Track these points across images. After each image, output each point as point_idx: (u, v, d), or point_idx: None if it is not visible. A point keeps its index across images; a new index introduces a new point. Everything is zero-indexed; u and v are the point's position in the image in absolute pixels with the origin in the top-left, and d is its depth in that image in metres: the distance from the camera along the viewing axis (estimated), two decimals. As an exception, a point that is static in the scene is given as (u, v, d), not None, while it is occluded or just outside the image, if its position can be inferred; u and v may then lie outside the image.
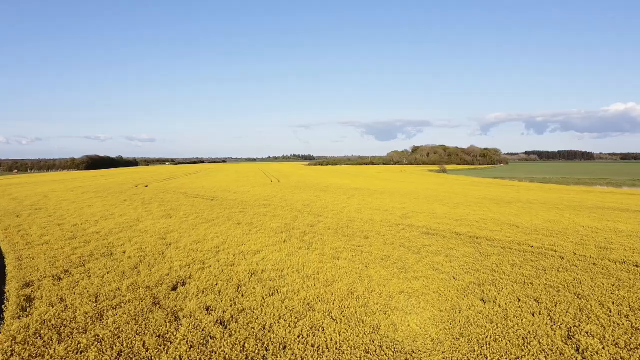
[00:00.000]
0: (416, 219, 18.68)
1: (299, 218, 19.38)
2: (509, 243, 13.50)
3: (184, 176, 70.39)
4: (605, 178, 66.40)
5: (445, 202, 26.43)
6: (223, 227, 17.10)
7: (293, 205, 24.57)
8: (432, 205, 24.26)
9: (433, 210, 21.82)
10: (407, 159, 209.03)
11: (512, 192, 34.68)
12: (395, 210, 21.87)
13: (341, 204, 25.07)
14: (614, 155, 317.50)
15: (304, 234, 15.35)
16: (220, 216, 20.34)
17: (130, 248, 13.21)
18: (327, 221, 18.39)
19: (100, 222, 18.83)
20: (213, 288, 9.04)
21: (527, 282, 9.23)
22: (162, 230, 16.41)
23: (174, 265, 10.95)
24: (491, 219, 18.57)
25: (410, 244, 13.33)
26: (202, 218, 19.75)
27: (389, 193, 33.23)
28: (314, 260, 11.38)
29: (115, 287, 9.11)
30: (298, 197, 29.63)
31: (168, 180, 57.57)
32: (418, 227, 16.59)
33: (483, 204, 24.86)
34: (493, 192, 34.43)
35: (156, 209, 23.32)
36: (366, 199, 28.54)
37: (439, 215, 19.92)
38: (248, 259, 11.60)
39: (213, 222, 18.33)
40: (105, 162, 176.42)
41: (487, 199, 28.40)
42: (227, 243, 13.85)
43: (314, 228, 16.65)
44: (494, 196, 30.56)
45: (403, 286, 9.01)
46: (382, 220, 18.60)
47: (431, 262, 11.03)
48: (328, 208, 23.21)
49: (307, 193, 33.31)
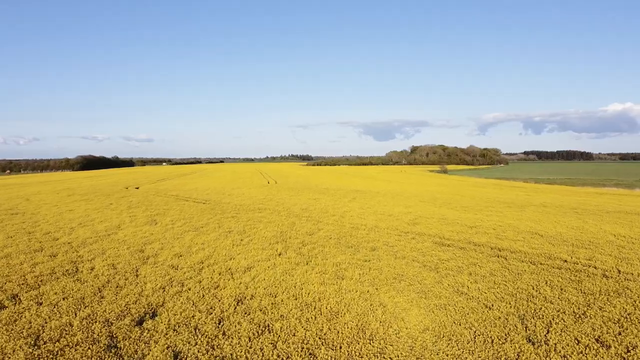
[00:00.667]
0: (426, 226, 16.90)
1: (297, 225, 17.57)
2: (538, 257, 11.73)
3: (178, 177, 68.51)
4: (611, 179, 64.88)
5: (453, 205, 24.67)
6: (211, 235, 15.27)
7: (290, 210, 22.75)
8: (440, 209, 22.49)
9: (442, 215, 20.05)
10: (406, 159, 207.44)
11: (521, 194, 32.98)
12: (401, 216, 20.08)
13: (342, 208, 23.27)
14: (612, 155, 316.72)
15: (302, 245, 13.55)
16: (209, 222, 18.52)
17: (101, 264, 11.37)
18: (327, 228, 16.58)
19: (76, 230, 16.97)
20: (188, 322, 7.22)
21: (579, 313, 7.46)
22: (142, 241, 14.56)
23: (146, 288, 9.12)
24: (509, 226, 16.80)
25: (424, 258, 11.54)
26: (189, 225, 17.92)
27: (392, 195, 31.46)
28: (314, 280, 9.58)
29: (65, 322, 7.28)
30: (296, 200, 27.82)
31: (161, 181, 55.69)
32: (430, 236, 14.80)
33: (495, 208, 23.10)
34: (501, 194, 32.71)
35: (141, 214, 21.47)
36: (368, 202, 26.75)
37: (450, 221, 18.15)
38: (236, 279, 9.78)
39: (201, 230, 16.49)
40: (100, 163, 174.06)
41: (497, 201, 26.66)
42: (213, 257, 12.02)
43: (313, 237, 14.84)
44: (503, 199, 28.83)
45: (426, 320, 7.22)
46: (388, 227, 16.81)
47: (454, 283, 9.24)
48: (328, 213, 21.40)
49: (306, 195, 31.51)
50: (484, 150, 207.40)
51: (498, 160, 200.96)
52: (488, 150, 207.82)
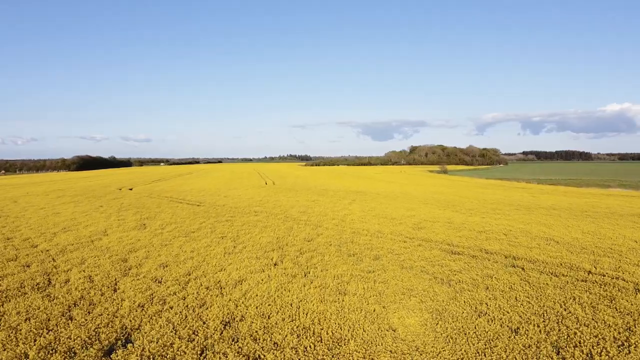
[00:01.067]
0: (432, 231, 15.85)
1: (294, 229, 16.50)
2: (558, 267, 10.69)
3: (174, 178, 67.32)
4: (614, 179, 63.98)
5: (458, 207, 23.63)
6: (202, 242, 14.19)
7: (288, 213, 21.68)
8: (444, 212, 21.44)
9: (448, 219, 19.00)
10: (405, 159, 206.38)
11: (526, 196, 31.97)
12: (404, 219, 19.03)
13: (342, 211, 22.20)
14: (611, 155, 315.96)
15: (300, 253, 12.48)
16: (202, 227, 17.44)
17: (77, 275, 10.28)
18: (327, 233, 15.52)
19: (58, 236, 15.87)
20: (165, 353, 6.15)
21: (621, 340, 6.42)
22: (127, 248, 13.47)
23: (123, 307, 8.04)
24: (520, 231, 15.77)
25: (434, 269, 10.48)
26: (180, 229, 16.84)
27: (393, 197, 30.41)
28: (313, 296, 8.51)
29: (20, 352, 6.20)
30: (294, 202, 26.75)
31: (156, 182, 54.53)
32: (437, 243, 13.75)
33: (502, 211, 22.07)
34: (506, 196, 31.69)
35: (131, 218, 20.37)
36: (369, 204, 25.69)
37: (457, 225, 17.12)
38: (225, 295, 8.71)
39: (192, 236, 15.41)
40: (96, 163, 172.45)
41: (503, 203, 25.63)
42: (202, 267, 10.95)
43: (311, 244, 13.78)
44: (509, 200, 27.80)
45: (446, 351, 6.16)
46: (392, 232, 15.76)
47: (471, 301, 8.19)
48: (327, 216, 20.33)
49: (304, 197, 30.44)
50: (483, 151, 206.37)
51: (497, 161, 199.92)
52: (487, 151, 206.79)
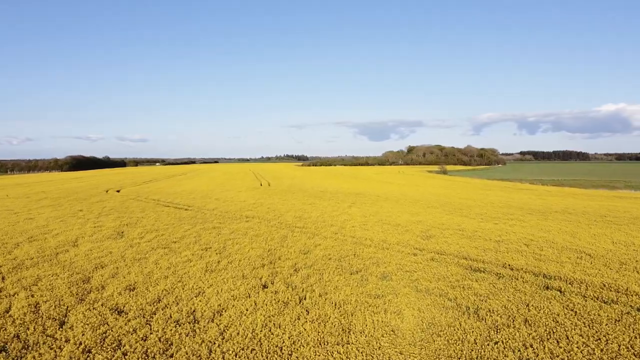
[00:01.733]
0: (444, 241, 14.07)
1: (289, 239, 14.69)
2: (603, 289, 8.93)
3: (166, 178, 65.33)
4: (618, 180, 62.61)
5: (467, 212, 21.88)
6: (183, 255, 12.35)
7: (282, 218, 19.86)
8: (453, 218, 19.68)
9: (458, 226, 17.25)
10: (402, 159, 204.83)
11: (534, 198, 30.29)
12: (410, 225, 17.26)
13: (341, 216, 20.41)
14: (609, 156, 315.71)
15: (294, 270, 10.67)
16: (186, 235, 15.60)
17: (21, 303, 8.42)
18: (325, 244, 13.71)
19: (20, 247, 13.98)
20: None
21: None
22: (94, 263, 11.61)
23: (61, 355, 6.20)
24: (543, 241, 14.02)
25: (456, 293, 8.70)
26: (161, 239, 14.99)
27: (395, 200, 28.64)
28: (309, 336, 6.71)
29: None
30: (289, 206, 24.93)
31: (147, 183, 52.53)
32: (452, 256, 11.97)
33: (514, 215, 20.33)
34: (514, 198, 29.99)
35: (109, 224, 18.49)
36: (370, 207, 23.91)
37: (470, 234, 15.36)
38: (197, 334, 6.89)
39: (172, 247, 13.56)
40: (90, 163, 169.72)
41: (514, 207, 23.91)
42: (176, 291, 9.11)
43: (308, 257, 11.97)
44: (518, 204, 26.09)
45: None
46: (398, 242, 13.97)
47: (513, 343, 6.41)
48: (326, 222, 18.53)
49: (300, 200, 28.62)
50: (481, 151, 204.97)
51: (496, 161, 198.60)
52: (485, 151, 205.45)
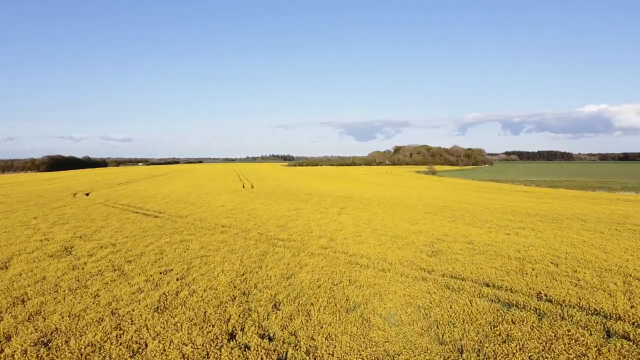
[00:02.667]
0: (455, 259, 11.78)
1: (269, 257, 12.21)
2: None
3: (145, 179, 61.98)
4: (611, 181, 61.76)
5: (470, 219, 19.70)
6: (133, 283, 9.78)
7: (264, 227, 17.36)
8: (457, 227, 17.46)
9: (466, 237, 15.01)
10: (389, 159, 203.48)
11: (537, 202, 28.37)
12: (411, 236, 14.95)
13: (331, 224, 18.00)
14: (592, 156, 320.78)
15: (274, 307, 8.21)
16: (146, 252, 12.99)
17: None
18: (313, 264, 11.28)
19: None
20: None
21: None
22: (15, 294, 8.97)
23: None
24: (573, 258, 11.84)
25: (495, 348, 6.36)
26: (115, 257, 12.36)
27: (388, 204, 26.36)
28: None
29: None
30: (272, 212, 22.41)
31: (123, 185, 49.26)
32: (472, 282, 9.67)
33: (525, 224, 18.22)
34: (514, 202, 28.01)
35: (61, 236, 15.74)
36: (362, 213, 21.55)
37: (482, 248, 13.13)
38: None
39: (124, 270, 10.95)
40: (69, 163, 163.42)
41: (520, 213, 21.85)
42: (106, 346, 6.55)
43: (291, 285, 9.53)
44: (523, 208, 24.07)
45: None
46: (401, 260, 11.62)
47: None
48: (313, 233, 16.10)
49: (285, 204, 26.12)
50: (468, 151, 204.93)
51: (482, 161, 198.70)
52: (472, 151, 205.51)
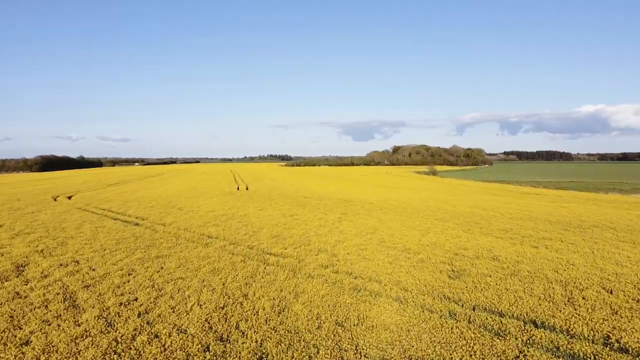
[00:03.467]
0: (484, 282, 9.68)
1: (258, 280, 10.08)
2: None
3: (137, 180, 59.69)
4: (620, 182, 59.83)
5: (487, 228, 17.61)
6: (82, 320, 7.65)
7: (255, 238, 15.25)
8: (475, 238, 15.37)
9: (489, 251, 12.92)
10: (388, 159, 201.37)
11: (553, 206, 26.32)
12: (424, 250, 12.85)
13: (331, 235, 15.89)
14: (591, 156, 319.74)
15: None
16: (111, 272, 10.85)
17: None
18: (311, 292, 9.17)
19: None
20: None
21: None
22: None
23: None
24: (625, 281, 9.75)
25: None
26: (71, 279, 10.23)
27: (394, 209, 24.25)
28: None
29: None
30: (266, 218, 20.28)
31: (112, 186, 46.99)
32: (514, 319, 7.56)
33: (550, 233, 16.16)
34: (530, 207, 25.94)
35: (18, 250, 13.61)
36: (366, 220, 19.45)
37: (512, 267, 11.05)
38: None
39: (75, 301, 8.82)
40: (62, 163, 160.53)
41: (540, 220, 19.77)
42: None
43: (283, 322, 7.42)
44: (541, 214, 22.02)
45: None
46: (419, 285, 9.52)
47: None
48: (312, 246, 13.98)
49: (281, 209, 23.98)
50: (467, 151, 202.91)
51: (482, 161, 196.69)
52: (472, 151, 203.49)
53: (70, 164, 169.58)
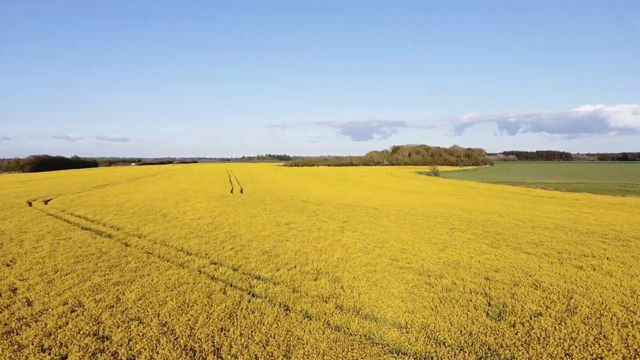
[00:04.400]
0: (541, 330, 7.27)
1: (237, 323, 7.65)
2: None
3: (127, 181, 57.09)
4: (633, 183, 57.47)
5: (512, 239, 15.22)
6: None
7: (242, 254, 12.83)
8: (503, 253, 12.96)
9: (527, 274, 10.52)
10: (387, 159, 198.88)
11: (576, 212, 23.94)
12: (448, 273, 10.44)
13: (333, 250, 13.48)
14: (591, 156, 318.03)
15: None
16: (50, 309, 8.46)
17: None
18: (307, 343, 6.76)
19: None
20: None
21: None
22: None
23: None
24: None
25: None
26: (-8, 321, 7.75)
27: (402, 215, 21.82)
28: None
29: None
30: (258, 228, 17.85)
31: (98, 188, 44.40)
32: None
33: (585, 246, 13.76)
34: (551, 213, 23.56)
35: (-50, 273, 11.06)
36: (372, 231, 17.04)
37: (565, 301, 8.66)
38: None
39: (-22, 360, 6.33)
40: (55, 163, 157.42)
41: (570, 230, 17.38)
42: None
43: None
44: (566, 222, 19.63)
45: None
46: (455, 335, 7.11)
47: None
48: (309, 266, 11.57)
49: (275, 216, 21.55)
50: (468, 151, 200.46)
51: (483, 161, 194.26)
52: (472, 151, 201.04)
53: (64, 164, 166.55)
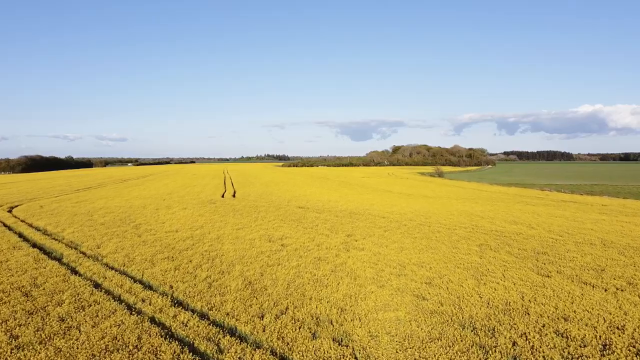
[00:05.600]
0: None
1: None
2: None
3: (114, 184, 53.75)
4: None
5: (563, 263, 12.08)
6: None
7: (217, 288, 9.74)
8: (564, 289, 9.82)
9: (612, 325, 7.36)
10: (388, 159, 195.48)
11: (615, 222, 20.79)
12: (501, 323, 7.34)
13: (336, 280, 10.37)
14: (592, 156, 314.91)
15: None
16: None
17: None
18: None
19: None
20: None
21: None
22: None
23: None
24: None
25: None
26: None
27: (416, 226, 18.64)
28: None
29: None
30: (246, 244, 14.71)
31: (81, 191, 41.12)
32: None
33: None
34: (586, 223, 20.40)
35: None
36: (384, 249, 13.89)
37: None
38: None
39: None
40: (48, 163, 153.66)
41: (624, 247, 14.25)
42: None
43: None
44: (615, 237, 16.51)
45: None
46: None
47: None
48: (305, 306, 8.47)
49: (267, 227, 18.38)
50: (470, 151, 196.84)
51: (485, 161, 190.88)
52: (474, 151, 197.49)
53: (57, 164, 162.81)
